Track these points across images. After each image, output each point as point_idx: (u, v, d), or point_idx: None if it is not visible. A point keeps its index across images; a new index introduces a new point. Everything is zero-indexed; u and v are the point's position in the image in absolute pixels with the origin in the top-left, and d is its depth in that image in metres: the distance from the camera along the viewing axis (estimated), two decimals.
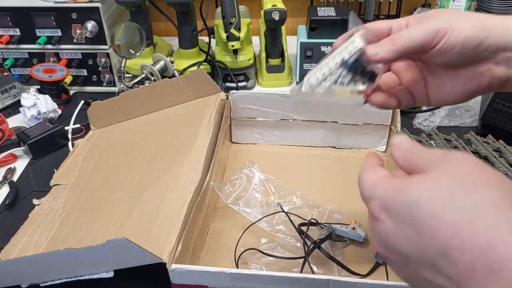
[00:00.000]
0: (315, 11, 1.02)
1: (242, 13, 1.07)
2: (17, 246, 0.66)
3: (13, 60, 1.05)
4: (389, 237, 0.34)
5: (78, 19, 0.99)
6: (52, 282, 0.60)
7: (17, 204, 0.78)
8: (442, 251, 0.30)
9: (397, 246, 0.34)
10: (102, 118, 0.90)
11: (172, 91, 0.86)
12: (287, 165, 0.84)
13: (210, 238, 0.71)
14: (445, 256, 0.30)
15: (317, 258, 0.65)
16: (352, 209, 0.74)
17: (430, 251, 0.31)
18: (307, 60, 1.02)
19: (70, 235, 0.66)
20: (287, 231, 0.68)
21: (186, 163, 0.71)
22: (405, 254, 0.33)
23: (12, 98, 1.02)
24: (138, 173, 0.73)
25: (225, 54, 1.05)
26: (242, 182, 0.73)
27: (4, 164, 0.87)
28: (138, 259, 0.56)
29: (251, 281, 0.55)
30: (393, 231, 0.34)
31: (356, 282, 0.53)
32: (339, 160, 0.85)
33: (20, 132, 0.90)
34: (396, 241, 0.34)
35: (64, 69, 1.02)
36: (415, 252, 0.32)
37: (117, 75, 1.06)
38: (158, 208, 0.64)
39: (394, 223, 0.33)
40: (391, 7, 1.25)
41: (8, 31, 1.02)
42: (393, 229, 0.34)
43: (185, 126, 0.80)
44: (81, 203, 0.71)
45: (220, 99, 0.83)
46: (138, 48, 1.00)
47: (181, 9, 1.02)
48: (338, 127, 0.85)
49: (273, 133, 0.88)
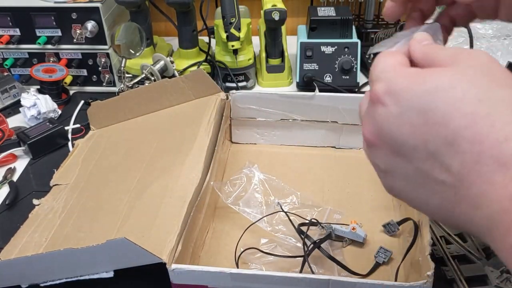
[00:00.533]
0: (315, 11, 1.02)
1: (242, 13, 1.07)
2: (17, 246, 0.66)
3: (13, 60, 1.05)
4: (387, 122, 0.33)
5: (78, 19, 0.99)
6: (52, 282, 0.60)
7: (17, 204, 0.78)
8: (450, 140, 0.29)
9: (393, 132, 0.32)
10: (102, 118, 0.90)
11: (172, 91, 0.87)
12: (287, 165, 0.84)
13: (210, 238, 0.71)
14: (452, 146, 0.29)
15: (317, 258, 0.65)
16: (352, 209, 0.74)
17: (435, 140, 0.30)
18: (307, 60, 1.02)
19: (70, 235, 0.66)
20: (287, 231, 0.68)
21: (186, 163, 0.71)
22: (400, 142, 0.32)
23: (12, 98, 1.02)
24: (138, 173, 0.73)
25: (225, 54, 1.05)
26: (242, 182, 0.73)
27: (4, 164, 0.87)
28: (138, 259, 0.56)
29: (251, 281, 0.55)
30: (395, 116, 0.32)
31: (356, 282, 0.53)
32: (339, 160, 0.85)
33: (20, 132, 0.90)
34: (394, 127, 0.32)
35: (64, 69, 1.02)
36: (414, 141, 0.31)
37: (117, 75, 1.06)
38: (158, 208, 0.64)
39: (399, 109, 0.32)
40: None
41: (8, 31, 1.02)
42: (395, 115, 0.32)
43: (185, 126, 0.80)
44: (81, 203, 0.71)
45: (220, 99, 0.83)
46: (138, 48, 1.00)
47: (181, 9, 1.02)
48: (338, 127, 0.85)
49: (273, 133, 0.88)
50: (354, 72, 1.02)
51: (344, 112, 0.83)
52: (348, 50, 1.01)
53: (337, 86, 1.01)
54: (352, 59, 1.01)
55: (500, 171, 0.28)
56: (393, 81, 0.33)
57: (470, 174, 0.29)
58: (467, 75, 0.30)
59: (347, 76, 1.02)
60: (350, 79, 1.02)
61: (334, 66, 1.02)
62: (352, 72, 1.02)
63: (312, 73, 1.02)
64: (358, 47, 1.01)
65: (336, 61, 1.01)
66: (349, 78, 1.02)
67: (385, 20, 0.49)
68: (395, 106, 0.32)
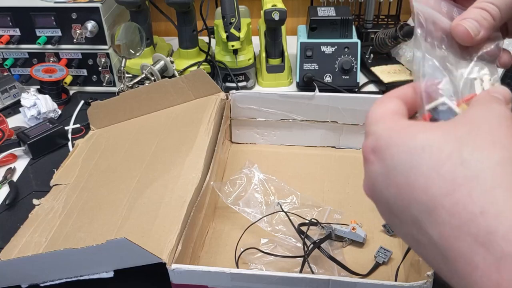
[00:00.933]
0: (315, 11, 1.02)
1: (242, 13, 1.07)
2: (17, 246, 0.66)
3: (13, 60, 1.05)
4: (376, 180, 0.31)
5: (78, 19, 0.99)
6: (52, 282, 0.60)
7: (17, 204, 0.78)
8: (430, 207, 0.27)
9: (383, 192, 0.30)
10: (102, 118, 0.90)
11: (172, 91, 0.87)
12: (287, 165, 0.84)
13: (210, 238, 0.71)
14: (431, 215, 0.27)
15: (317, 258, 0.65)
16: (352, 209, 0.74)
17: (416, 206, 0.28)
18: (307, 60, 1.02)
19: (70, 235, 0.66)
20: (287, 231, 0.68)
21: (186, 163, 0.71)
22: (391, 202, 0.30)
23: (12, 98, 1.02)
24: (138, 173, 0.73)
25: (225, 54, 1.05)
26: (242, 182, 0.73)
27: (4, 164, 0.87)
28: (138, 259, 0.56)
29: (251, 281, 0.55)
30: (382, 175, 0.30)
31: (356, 282, 0.53)
32: (339, 160, 0.85)
33: (20, 132, 0.90)
34: (383, 187, 0.30)
35: (64, 69, 1.02)
36: (400, 203, 0.29)
37: (117, 75, 1.06)
38: (158, 208, 0.64)
39: (385, 168, 0.30)
40: (391, 7, 1.25)
41: (8, 31, 1.02)
42: (383, 173, 0.30)
43: (185, 126, 0.80)
44: (81, 203, 0.71)
45: (220, 99, 0.83)
46: (138, 48, 1.00)
47: (181, 9, 1.02)
48: (338, 127, 0.86)
49: (273, 133, 0.88)
50: (354, 72, 1.02)
51: (344, 112, 0.83)
52: (348, 50, 1.01)
53: (337, 86, 1.01)
54: (352, 59, 1.01)
55: (479, 254, 0.24)
56: (380, 137, 0.30)
57: (452, 250, 0.26)
58: (460, 134, 0.27)
59: (347, 76, 1.02)
60: (350, 79, 1.02)
61: (334, 66, 1.02)
62: (352, 72, 1.02)
63: (312, 73, 1.02)
64: (358, 47, 1.01)
65: (336, 61, 1.01)
66: (349, 78, 1.02)
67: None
68: (381, 165, 0.30)
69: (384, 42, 1.05)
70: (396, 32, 1.01)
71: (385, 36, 1.05)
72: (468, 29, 0.35)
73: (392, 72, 1.05)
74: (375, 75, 1.05)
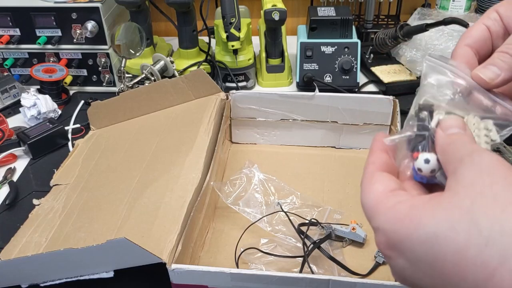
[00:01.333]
0: (315, 11, 1.02)
1: (242, 13, 1.07)
2: (17, 246, 0.66)
3: (13, 60, 1.05)
4: (405, 273, 0.30)
5: (78, 19, 0.99)
6: (52, 282, 0.60)
7: (17, 204, 0.78)
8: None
9: (416, 283, 0.30)
10: (102, 118, 0.90)
11: (172, 91, 0.87)
12: (287, 165, 0.84)
13: (210, 238, 0.71)
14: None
15: (317, 258, 0.65)
16: (352, 209, 0.74)
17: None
18: (307, 60, 1.02)
19: (70, 235, 0.66)
20: (287, 231, 0.68)
21: (186, 163, 0.71)
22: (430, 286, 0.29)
23: (12, 98, 1.02)
24: (138, 173, 0.73)
25: (225, 54, 1.05)
26: (242, 182, 0.73)
27: (4, 164, 0.87)
28: (138, 259, 0.56)
29: (251, 281, 0.55)
30: (409, 269, 0.29)
31: (356, 282, 0.53)
32: (339, 160, 0.85)
33: (20, 132, 0.90)
34: (415, 279, 0.29)
35: (64, 69, 1.02)
36: (442, 284, 0.28)
37: (117, 75, 1.06)
38: (158, 208, 0.64)
39: (407, 261, 0.29)
40: (391, 7, 1.25)
41: (8, 31, 1.02)
42: (408, 267, 0.29)
43: (185, 126, 0.80)
44: (81, 203, 0.71)
45: (220, 99, 0.83)
46: (138, 48, 1.00)
47: (181, 9, 1.02)
48: (338, 127, 0.86)
49: (273, 133, 0.88)
50: (354, 72, 1.02)
51: (344, 112, 0.83)
52: (348, 50, 1.01)
53: (337, 86, 1.01)
54: (352, 59, 1.01)
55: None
56: (387, 232, 0.30)
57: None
58: (466, 208, 0.27)
59: (347, 76, 1.02)
60: (350, 79, 1.02)
61: (334, 66, 1.02)
62: (352, 72, 1.02)
63: (312, 73, 1.02)
64: (358, 47, 1.01)
65: (336, 61, 1.01)
66: (349, 78, 1.02)
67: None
68: (403, 259, 0.29)
69: (384, 42, 1.05)
70: (396, 32, 1.01)
71: (385, 36, 1.05)
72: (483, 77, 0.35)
73: (392, 72, 1.05)
74: (375, 75, 1.05)
